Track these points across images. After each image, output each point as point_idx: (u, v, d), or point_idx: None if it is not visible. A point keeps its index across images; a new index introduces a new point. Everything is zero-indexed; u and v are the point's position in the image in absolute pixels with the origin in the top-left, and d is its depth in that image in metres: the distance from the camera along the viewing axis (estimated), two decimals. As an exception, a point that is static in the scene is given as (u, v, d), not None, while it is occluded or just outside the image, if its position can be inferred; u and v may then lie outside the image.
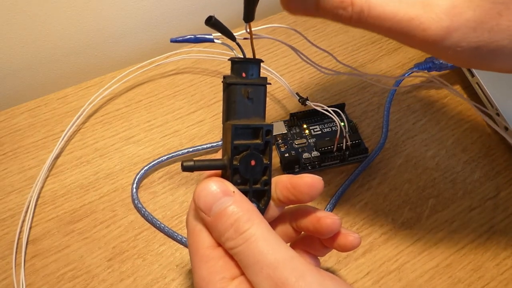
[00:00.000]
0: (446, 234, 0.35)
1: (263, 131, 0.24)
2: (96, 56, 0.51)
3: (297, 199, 0.25)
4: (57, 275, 0.34)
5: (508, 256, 0.34)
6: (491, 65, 0.23)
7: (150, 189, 0.38)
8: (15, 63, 0.47)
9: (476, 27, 0.21)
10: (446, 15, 0.21)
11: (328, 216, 0.25)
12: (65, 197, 0.38)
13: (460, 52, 0.22)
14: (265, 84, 0.25)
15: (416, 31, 0.21)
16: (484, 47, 0.21)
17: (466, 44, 0.21)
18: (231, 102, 0.24)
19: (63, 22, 0.46)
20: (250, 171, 0.24)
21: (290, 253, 0.21)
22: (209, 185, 0.23)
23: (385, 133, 0.40)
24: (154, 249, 0.35)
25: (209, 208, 0.22)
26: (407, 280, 0.33)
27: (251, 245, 0.21)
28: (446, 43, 0.21)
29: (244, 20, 0.24)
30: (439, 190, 0.38)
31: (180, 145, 0.41)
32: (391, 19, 0.22)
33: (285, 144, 0.39)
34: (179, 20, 0.53)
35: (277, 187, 0.25)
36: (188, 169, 0.23)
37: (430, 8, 0.21)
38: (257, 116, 0.24)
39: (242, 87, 0.24)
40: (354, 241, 0.26)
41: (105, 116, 0.44)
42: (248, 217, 0.22)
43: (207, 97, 0.45)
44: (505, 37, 0.21)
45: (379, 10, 0.21)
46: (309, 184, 0.24)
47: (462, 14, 0.21)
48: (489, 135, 0.41)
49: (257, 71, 0.25)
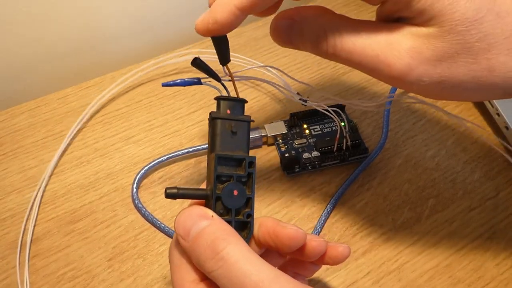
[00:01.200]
0: (446, 234, 0.35)
1: (246, 163, 0.25)
2: (96, 56, 0.51)
3: (276, 248, 0.24)
4: (57, 275, 0.34)
5: (508, 256, 0.34)
6: (459, 96, 0.25)
7: (150, 189, 0.38)
8: (15, 63, 0.47)
9: (436, 64, 0.23)
10: (407, 53, 0.23)
11: (313, 238, 0.25)
12: (65, 197, 0.38)
13: (425, 86, 0.23)
14: (249, 121, 0.26)
15: (382, 66, 0.23)
16: (447, 82, 0.23)
17: (428, 79, 0.23)
18: (216, 135, 0.25)
19: (63, 22, 0.46)
20: (232, 201, 0.24)
21: (274, 271, 0.21)
22: (187, 210, 0.23)
23: (385, 133, 0.40)
24: (154, 249, 0.35)
25: (187, 233, 0.22)
26: (407, 280, 0.33)
27: (232, 267, 0.20)
28: (409, 78, 0.23)
29: (221, 64, 0.27)
30: (439, 190, 0.38)
31: (180, 145, 0.41)
32: (360, 54, 0.24)
33: (285, 144, 0.39)
34: (179, 20, 0.53)
35: (260, 229, 0.25)
36: (171, 196, 0.23)
37: (393, 46, 0.23)
38: (240, 150, 0.25)
39: (226, 121, 0.25)
40: (344, 251, 0.26)
41: (105, 116, 0.44)
42: (224, 237, 0.22)
43: (207, 97, 0.45)
44: (465, 73, 0.23)
45: (350, 45, 0.24)
46: (291, 236, 0.24)
47: (422, 53, 0.23)
48: (489, 134, 0.41)
49: (242, 110, 0.26)
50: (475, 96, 0.25)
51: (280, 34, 0.27)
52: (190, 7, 0.52)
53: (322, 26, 0.25)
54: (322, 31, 0.25)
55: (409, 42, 0.23)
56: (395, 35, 0.23)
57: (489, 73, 0.22)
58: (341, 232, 0.36)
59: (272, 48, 0.49)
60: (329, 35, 0.24)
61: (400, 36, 0.23)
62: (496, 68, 0.22)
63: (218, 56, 0.27)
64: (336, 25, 0.24)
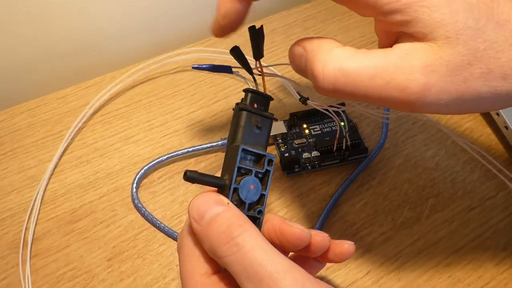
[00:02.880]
0: (446, 233, 0.35)
1: (265, 159, 0.25)
2: (96, 56, 0.51)
3: (281, 245, 0.24)
4: (57, 275, 0.34)
5: (507, 256, 0.34)
6: (477, 109, 0.24)
7: (150, 188, 0.38)
8: (15, 63, 0.47)
9: (452, 79, 0.22)
10: (421, 73, 0.22)
11: (317, 234, 0.25)
12: (65, 197, 0.38)
13: (444, 105, 0.23)
14: (273, 119, 0.26)
15: (395, 93, 0.22)
16: (466, 96, 0.22)
17: (447, 96, 0.22)
18: (240, 126, 0.25)
19: (63, 22, 0.46)
20: (248, 195, 0.24)
21: (288, 263, 0.21)
22: (203, 195, 0.23)
23: (385, 133, 0.40)
24: (154, 249, 0.35)
25: (202, 217, 0.22)
26: (407, 280, 0.33)
27: (247, 254, 0.20)
28: (427, 99, 0.22)
29: (254, 58, 0.26)
30: (438, 190, 0.38)
31: (180, 145, 0.41)
32: (367, 86, 0.22)
33: (285, 144, 0.39)
34: (179, 20, 0.53)
35: (265, 225, 0.25)
36: (190, 179, 0.23)
37: (404, 70, 0.22)
38: (260, 146, 0.25)
39: (253, 115, 0.25)
40: (350, 248, 0.25)
41: (105, 116, 0.44)
42: (240, 223, 0.21)
43: (207, 97, 0.45)
44: (482, 84, 0.22)
45: (354, 77, 0.22)
46: (296, 236, 0.24)
47: (436, 70, 0.22)
48: (489, 134, 0.41)
49: (267, 107, 0.26)
50: (492, 107, 0.24)
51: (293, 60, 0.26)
52: (190, 7, 0.52)
53: (322, 61, 0.24)
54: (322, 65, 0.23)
55: (419, 61, 0.22)
56: (403, 57, 0.22)
57: (504, 81, 0.22)
58: (341, 232, 0.36)
59: (272, 48, 0.49)
60: (330, 68, 0.23)
61: (408, 57, 0.22)
62: (509, 75, 0.22)
63: (253, 49, 0.26)
64: (337, 58, 0.23)
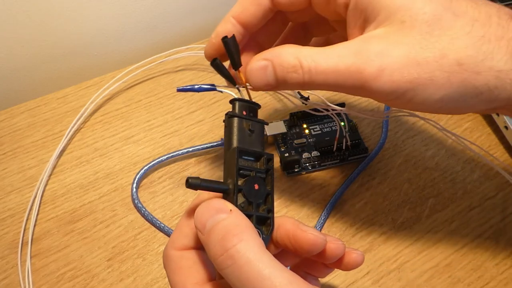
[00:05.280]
0: (446, 233, 0.35)
1: (264, 159, 0.25)
2: (96, 56, 0.51)
3: (295, 251, 0.24)
4: (57, 275, 0.34)
5: (507, 256, 0.34)
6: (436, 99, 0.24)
7: (150, 188, 0.38)
8: (15, 63, 0.47)
9: (406, 62, 0.23)
10: (376, 56, 0.23)
11: (332, 241, 0.24)
12: (65, 197, 0.38)
13: (396, 88, 0.24)
14: (264, 123, 0.26)
15: (355, 75, 0.24)
16: (419, 80, 0.23)
17: (400, 78, 0.23)
18: (233, 132, 0.25)
19: (63, 22, 0.46)
20: (254, 194, 0.24)
21: (287, 276, 0.20)
22: (206, 204, 0.22)
23: (385, 133, 0.40)
24: (154, 249, 0.35)
25: (204, 225, 0.22)
26: (407, 280, 0.33)
27: (243, 268, 0.19)
28: (382, 80, 0.23)
29: (233, 68, 0.27)
30: (438, 190, 0.38)
31: (180, 144, 0.41)
32: (334, 72, 0.24)
33: (285, 144, 0.39)
34: (178, 20, 0.53)
35: (279, 230, 0.24)
36: (193, 186, 0.23)
37: (362, 54, 0.24)
38: (255, 147, 0.25)
39: (243, 120, 0.25)
40: (358, 257, 0.25)
41: (105, 116, 0.44)
42: (237, 232, 0.20)
43: (207, 96, 0.45)
44: (435, 69, 0.23)
45: (324, 66, 0.24)
46: (311, 242, 0.23)
47: (390, 54, 0.23)
48: (489, 134, 0.41)
49: (255, 113, 0.26)
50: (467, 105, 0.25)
51: (257, 75, 0.26)
52: (190, 7, 0.52)
53: (295, 56, 0.25)
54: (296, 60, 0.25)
55: (377, 46, 0.23)
56: (362, 44, 0.24)
57: (459, 67, 0.23)
58: (341, 232, 0.36)
59: (272, 48, 0.49)
60: (303, 62, 0.25)
61: (367, 43, 0.24)
62: (464, 62, 0.23)
63: (230, 59, 0.27)
64: (308, 52, 0.25)
